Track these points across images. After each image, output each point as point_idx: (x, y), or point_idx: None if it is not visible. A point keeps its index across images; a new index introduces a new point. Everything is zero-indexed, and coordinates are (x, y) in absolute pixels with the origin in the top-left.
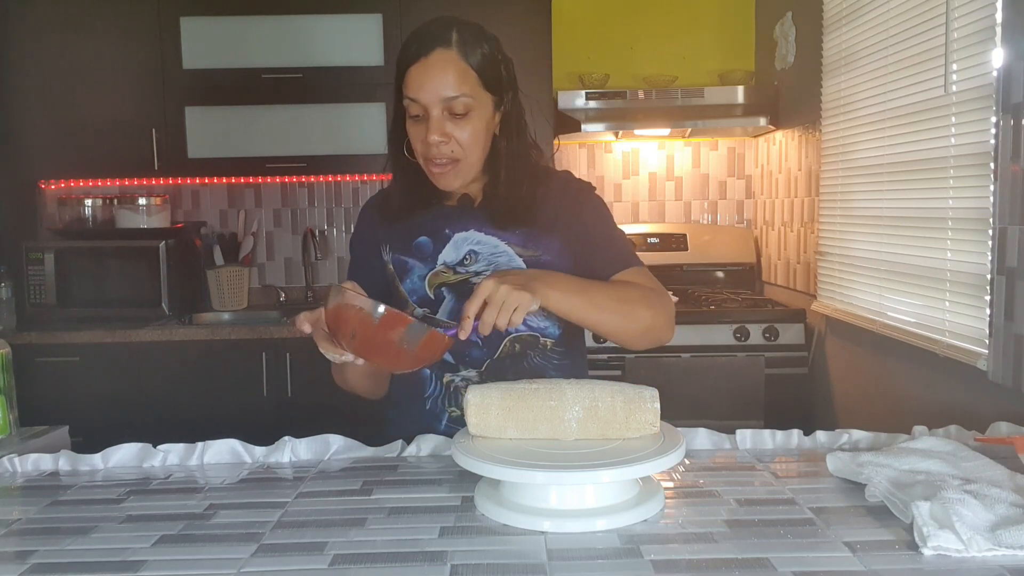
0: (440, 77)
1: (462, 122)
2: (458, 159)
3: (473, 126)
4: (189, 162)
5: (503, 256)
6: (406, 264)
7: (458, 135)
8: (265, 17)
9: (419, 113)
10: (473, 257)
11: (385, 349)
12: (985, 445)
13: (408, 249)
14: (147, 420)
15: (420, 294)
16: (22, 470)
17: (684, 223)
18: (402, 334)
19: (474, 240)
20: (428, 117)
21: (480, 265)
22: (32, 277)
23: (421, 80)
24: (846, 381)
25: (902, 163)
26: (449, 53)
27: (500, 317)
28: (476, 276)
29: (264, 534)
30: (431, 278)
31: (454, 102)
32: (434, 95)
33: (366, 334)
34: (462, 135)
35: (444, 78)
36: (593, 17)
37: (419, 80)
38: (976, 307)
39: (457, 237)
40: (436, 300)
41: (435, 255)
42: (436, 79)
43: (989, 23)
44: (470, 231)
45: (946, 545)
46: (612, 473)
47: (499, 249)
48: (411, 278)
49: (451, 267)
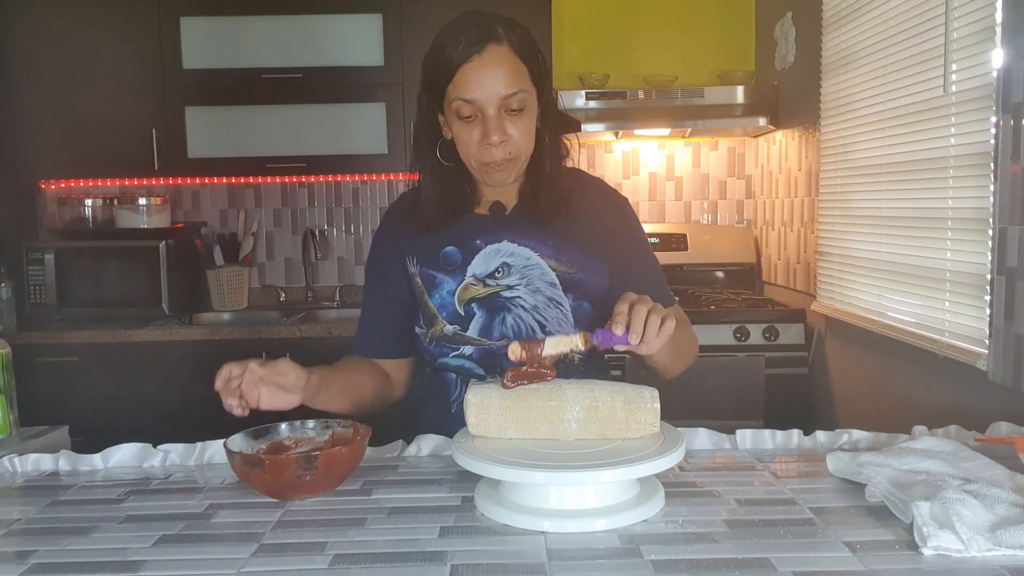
0: (498, 74)
1: (517, 119)
2: (515, 157)
3: (528, 122)
4: (189, 162)
5: (536, 269)
6: (434, 278)
7: (514, 133)
8: (265, 17)
9: (471, 114)
10: (505, 270)
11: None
12: (985, 445)
13: (435, 261)
14: (147, 420)
15: (450, 310)
16: (22, 470)
17: (684, 223)
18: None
19: (506, 252)
20: (484, 117)
21: (512, 279)
22: (32, 277)
23: (479, 79)
24: (846, 381)
25: (902, 163)
26: (502, 49)
27: (661, 326)
28: (508, 290)
29: (264, 534)
30: (460, 293)
31: (512, 99)
32: (492, 94)
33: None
34: (518, 133)
35: (502, 75)
36: (593, 17)
37: (476, 79)
38: (976, 307)
39: (488, 249)
40: (467, 316)
41: (464, 266)
42: (493, 77)
43: (989, 23)
44: (503, 242)
45: (946, 545)
46: (612, 473)
47: (532, 261)
48: (439, 293)
49: (481, 279)
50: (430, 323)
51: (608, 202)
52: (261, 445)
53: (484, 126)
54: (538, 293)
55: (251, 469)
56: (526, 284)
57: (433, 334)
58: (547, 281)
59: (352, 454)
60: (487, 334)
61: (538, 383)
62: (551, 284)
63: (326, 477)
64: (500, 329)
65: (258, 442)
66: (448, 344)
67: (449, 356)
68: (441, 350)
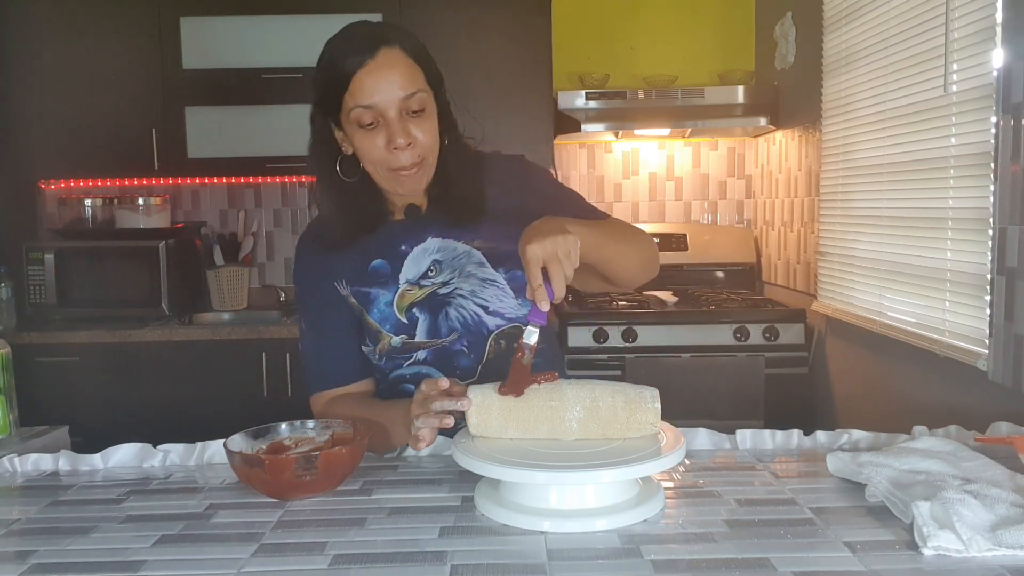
0: (393, 76)
1: (420, 120)
2: (423, 159)
3: (431, 123)
4: (189, 162)
5: (464, 256)
6: (368, 294)
7: (419, 135)
8: (265, 17)
9: (372, 121)
10: (437, 267)
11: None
12: (985, 445)
13: (365, 278)
14: (147, 420)
15: (392, 321)
16: (22, 470)
17: (684, 223)
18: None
19: (433, 249)
20: (386, 122)
21: (445, 274)
22: (32, 277)
23: (375, 83)
24: (846, 381)
25: (902, 163)
26: (394, 51)
27: (566, 268)
28: (444, 286)
29: (264, 534)
30: (398, 301)
31: (411, 100)
32: (391, 96)
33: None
34: (422, 133)
35: (398, 77)
36: (593, 17)
37: (372, 83)
38: (976, 307)
39: (415, 251)
40: (410, 323)
41: (395, 275)
42: (390, 79)
43: (989, 23)
44: (427, 240)
45: (946, 545)
46: (612, 473)
47: (459, 250)
48: (377, 307)
49: (415, 283)
50: (376, 339)
51: (513, 169)
52: (261, 445)
53: (388, 131)
54: (471, 277)
55: (251, 469)
56: (458, 273)
57: (381, 349)
58: (476, 263)
59: (352, 454)
60: (435, 334)
61: (545, 382)
62: (480, 264)
63: (326, 477)
64: (446, 325)
65: (258, 442)
66: (399, 356)
67: (403, 367)
68: (393, 363)
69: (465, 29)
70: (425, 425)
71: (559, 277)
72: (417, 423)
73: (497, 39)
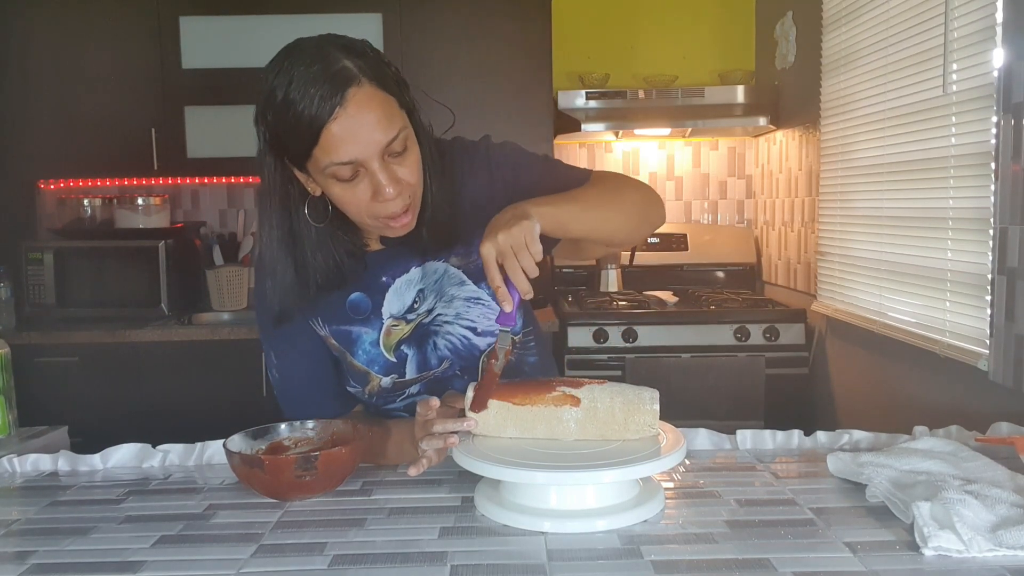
0: (371, 121)
1: (404, 160)
2: (413, 199)
3: (414, 156)
4: (188, 162)
5: (443, 278)
6: (350, 334)
7: (406, 176)
8: (265, 17)
9: (352, 174)
10: (421, 297)
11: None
12: (986, 445)
13: (344, 315)
14: (147, 420)
15: (380, 362)
16: (21, 470)
17: (684, 223)
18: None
19: (416, 278)
20: (369, 172)
21: (429, 302)
22: (31, 277)
23: (351, 135)
24: (846, 381)
25: (902, 163)
26: (364, 90)
27: (523, 260)
28: (429, 315)
29: (264, 534)
30: (385, 340)
31: (394, 143)
32: (371, 149)
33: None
34: (410, 174)
35: (375, 121)
36: (593, 17)
37: (349, 136)
38: (976, 307)
39: (398, 283)
40: (399, 361)
41: (376, 309)
42: (368, 126)
43: (989, 23)
44: (411, 271)
45: (947, 545)
46: (613, 474)
47: (438, 272)
48: (362, 347)
49: (401, 318)
50: (363, 382)
51: (474, 160)
52: (261, 445)
53: (372, 181)
54: (454, 300)
55: (250, 469)
56: (440, 298)
57: (371, 390)
58: (456, 283)
59: (352, 454)
60: (425, 367)
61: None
62: (460, 284)
63: (326, 477)
64: (436, 356)
65: (257, 442)
66: (390, 394)
67: (396, 402)
68: (384, 400)
69: (465, 29)
70: (429, 447)
71: (516, 273)
72: (423, 445)
73: (497, 39)
